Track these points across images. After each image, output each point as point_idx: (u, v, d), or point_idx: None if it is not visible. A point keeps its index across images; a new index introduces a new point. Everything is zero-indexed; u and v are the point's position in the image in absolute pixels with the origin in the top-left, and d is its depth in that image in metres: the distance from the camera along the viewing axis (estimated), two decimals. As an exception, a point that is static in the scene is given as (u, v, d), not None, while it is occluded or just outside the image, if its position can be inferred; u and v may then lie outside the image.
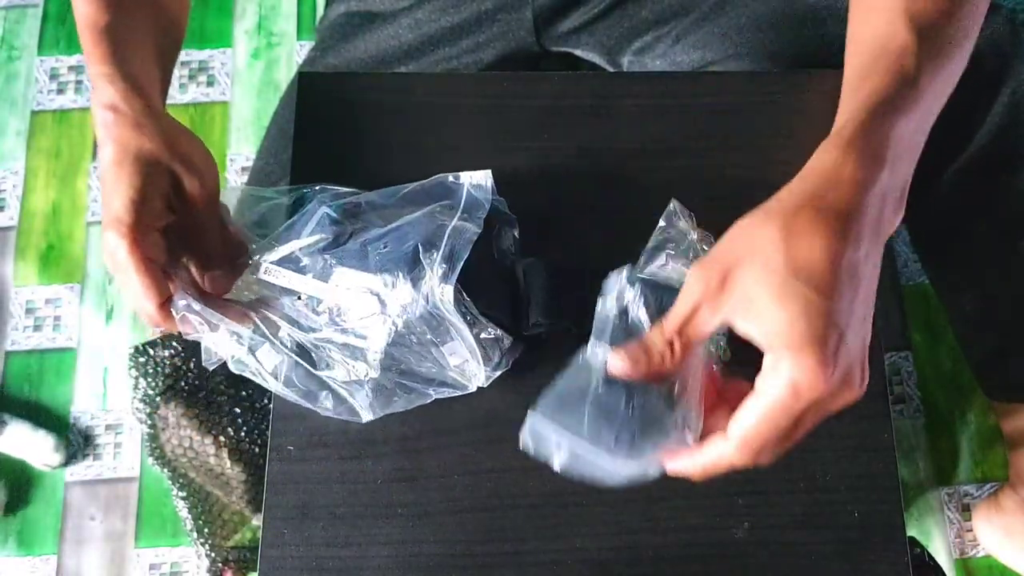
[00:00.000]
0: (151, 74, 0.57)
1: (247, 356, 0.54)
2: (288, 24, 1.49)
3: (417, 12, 0.82)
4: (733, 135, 0.52)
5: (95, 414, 1.26)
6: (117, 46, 0.56)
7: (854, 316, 0.43)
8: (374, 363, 0.54)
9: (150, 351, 0.86)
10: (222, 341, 0.54)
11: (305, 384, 0.55)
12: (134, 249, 0.50)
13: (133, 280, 0.51)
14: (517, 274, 0.58)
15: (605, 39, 0.82)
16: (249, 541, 0.94)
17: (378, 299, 0.53)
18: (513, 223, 0.59)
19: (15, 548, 1.20)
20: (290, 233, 0.56)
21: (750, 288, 0.43)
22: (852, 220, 0.43)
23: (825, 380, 0.41)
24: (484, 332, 0.55)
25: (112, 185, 0.51)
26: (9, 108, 1.43)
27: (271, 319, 0.54)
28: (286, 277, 0.55)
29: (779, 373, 0.42)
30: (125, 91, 0.54)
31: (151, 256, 0.51)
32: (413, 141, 0.64)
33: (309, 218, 0.56)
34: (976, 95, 0.79)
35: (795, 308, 0.41)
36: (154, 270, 0.51)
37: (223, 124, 1.42)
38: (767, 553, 0.56)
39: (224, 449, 0.81)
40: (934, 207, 0.88)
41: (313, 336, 0.54)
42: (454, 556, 0.56)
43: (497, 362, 0.56)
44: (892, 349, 1.26)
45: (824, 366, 0.41)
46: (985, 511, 1.13)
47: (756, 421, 0.43)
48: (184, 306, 0.52)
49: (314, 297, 0.55)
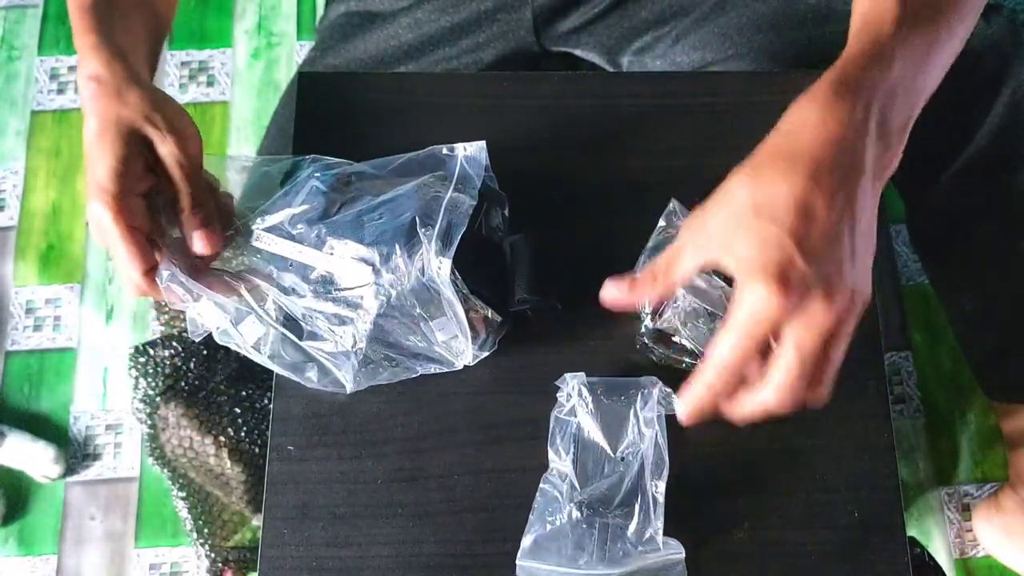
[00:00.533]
0: (136, 47, 0.59)
1: (231, 328, 0.54)
2: (288, 24, 1.49)
3: (417, 12, 0.82)
4: (733, 135, 0.52)
5: (95, 414, 1.26)
6: (103, 20, 0.57)
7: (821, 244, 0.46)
8: (363, 333, 0.54)
9: (150, 351, 0.86)
10: (207, 312, 0.54)
11: (291, 356, 0.55)
12: (119, 218, 0.51)
13: (119, 248, 0.52)
14: (504, 252, 0.58)
15: (605, 39, 0.82)
16: (249, 541, 0.93)
17: (372, 269, 0.54)
18: (503, 201, 0.59)
19: (15, 548, 1.20)
20: (283, 202, 0.56)
21: (724, 230, 0.48)
22: (814, 159, 0.47)
23: (778, 302, 0.45)
24: (473, 310, 0.55)
25: (96, 155, 0.52)
26: (9, 108, 1.43)
27: (259, 289, 0.55)
28: (278, 244, 0.55)
29: (739, 298, 0.46)
30: (108, 59, 0.55)
31: (135, 224, 0.52)
32: (413, 141, 0.64)
33: (301, 187, 0.57)
34: (976, 95, 0.79)
35: (755, 241, 0.46)
36: (139, 238, 0.52)
37: (223, 124, 1.42)
38: (767, 553, 0.56)
39: (224, 449, 0.81)
40: (934, 207, 0.88)
41: (302, 304, 0.54)
42: (454, 556, 0.56)
43: (484, 339, 0.56)
44: (892, 349, 1.26)
45: (776, 289, 0.45)
46: (985, 511, 1.13)
47: (722, 342, 0.47)
48: (169, 276, 0.53)
49: (306, 266, 0.55)
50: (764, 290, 0.45)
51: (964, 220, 0.87)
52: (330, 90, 0.67)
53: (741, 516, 0.56)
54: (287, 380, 0.58)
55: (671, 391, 0.55)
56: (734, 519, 0.56)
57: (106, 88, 0.54)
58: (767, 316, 0.45)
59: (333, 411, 0.59)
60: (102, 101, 0.53)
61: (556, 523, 0.53)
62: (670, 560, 0.52)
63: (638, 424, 0.54)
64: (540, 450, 0.56)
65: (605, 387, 0.56)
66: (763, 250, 0.46)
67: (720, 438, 0.58)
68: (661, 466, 0.54)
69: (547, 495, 0.54)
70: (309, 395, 0.59)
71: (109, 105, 0.53)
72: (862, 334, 0.60)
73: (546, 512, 0.54)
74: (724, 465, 0.57)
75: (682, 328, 0.56)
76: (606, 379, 0.56)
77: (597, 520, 0.53)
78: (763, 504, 0.56)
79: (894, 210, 1.31)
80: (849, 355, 0.59)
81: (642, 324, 0.58)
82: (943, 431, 1.23)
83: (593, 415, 0.55)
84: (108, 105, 0.53)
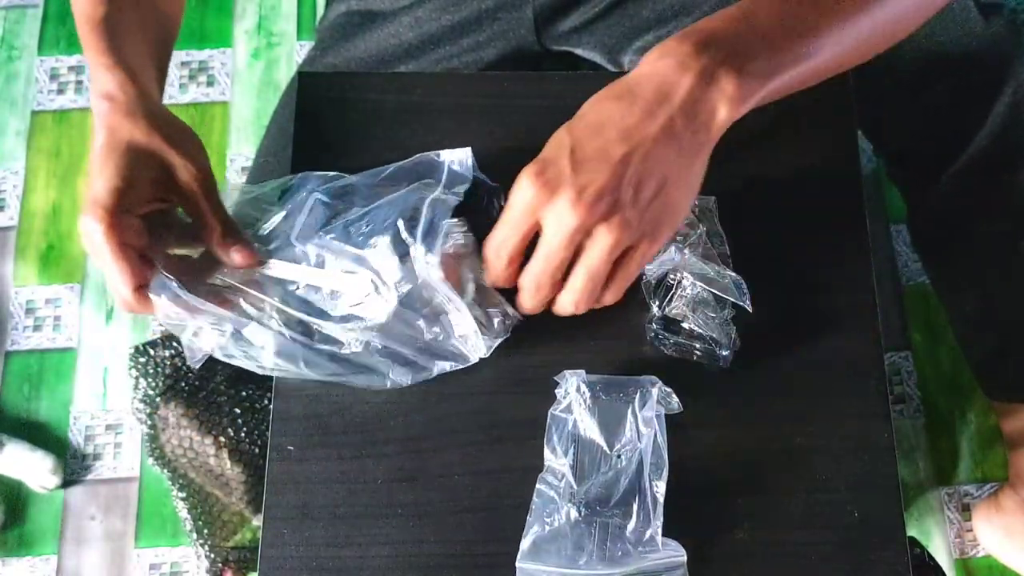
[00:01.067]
0: (146, 64, 0.59)
1: (232, 343, 0.54)
2: (288, 24, 1.49)
3: (417, 11, 0.82)
4: (733, 134, 0.52)
5: (95, 414, 1.26)
6: (113, 37, 0.57)
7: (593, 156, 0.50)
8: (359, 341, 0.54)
9: (150, 351, 0.86)
10: (203, 334, 0.54)
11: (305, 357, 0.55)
12: (110, 233, 0.51)
13: (109, 264, 0.52)
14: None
15: (606, 38, 0.82)
16: (249, 541, 0.93)
17: (374, 278, 0.54)
18: (498, 193, 0.59)
19: (15, 548, 1.20)
20: (284, 223, 0.56)
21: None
22: (631, 87, 0.51)
23: (529, 193, 0.50)
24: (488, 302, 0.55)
25: (98, 170, 0.52)
26: (9, 108, 1.42)
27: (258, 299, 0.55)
28: (285, 269, 0.55)
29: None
30: (122, 80, 0.55)
31: (128, 241, 0.52)
32: (413, 141, 0.64)
33: (302, 206, 0.57)
34: (977, 95, 0.79)
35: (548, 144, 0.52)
36: (130, 255, 0.52)
37: (223, 124, 1.42)
38: (767, 553, 0.56)
39: (224, 449, 0.81)
40: (934, 207, 0.88)
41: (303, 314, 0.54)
42: (454, 556, 0.56)
43: (497, 331, 0.56)
44: (892, 349, 1.26)
45: (530, 180, 0.50)
46: (985, 511, 1.13)
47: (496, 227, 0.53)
48: (161, 288, 0.52)
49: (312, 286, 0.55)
50: (523, 179, 0.50)
51: (964, 220, 0.87)
52: (330, 90, 0.67)
53: (741, 516, 0.56)
54: (287, 380, 0.58)
55: (671, 391, 0.55)
56: (734, 519, 0.56)
57: (119, 106, 0.54)
58: (519, 203, 0.51)
59: (333, 411, 0.59)
60: (115, 119, 0.54)
61: (554, 523, 0.53)
62: (672, 563, 0.52)
63: (636, 423, 0.54)
64: (541, 450, 0.56)
65: (604, 385, 0.56)
66: (544, 150, 0.51)
67: (720, 438, 0.58)
68: (661, 466, 0.54)
69: (544, 496, 0.54)
70: (309, 395, 0.59)
71: (122, 124, 0.54)
72: (862, 334, 0.60)
73: (544, 513, 0.54)
74: (724, 465, 0.57)
75: (691, 315, 0.57)
76: (605, 377, 0.56)
77: (596, 520, 0.53)
78: (763, 504, 0.56)
79: (894, 210, 1.31)
80: (849, 355, 0.60)
81: (650, 313, 0.58)
82: (943, 431, 1.23)
83: (591, 412, 0.55)
84: (121, 124, 0.54)
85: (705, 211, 0.59)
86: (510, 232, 0.52)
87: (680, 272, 0.57)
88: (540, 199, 0.50)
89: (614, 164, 0.49)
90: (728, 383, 0.58)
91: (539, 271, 0.52)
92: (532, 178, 0.50)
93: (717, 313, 0.57)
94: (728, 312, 0.57)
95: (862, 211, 0.62)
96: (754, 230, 0.61)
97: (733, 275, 0.56)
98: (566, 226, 0.49)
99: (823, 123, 0.65)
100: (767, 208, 0.62)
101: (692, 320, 0.57)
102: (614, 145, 0.50)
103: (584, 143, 0.50)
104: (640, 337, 0.59)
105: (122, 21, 0.59)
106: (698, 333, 0.57)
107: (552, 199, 0.49)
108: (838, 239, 0.62)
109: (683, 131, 0.50)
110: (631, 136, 0.50)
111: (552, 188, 0.49)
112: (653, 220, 0.51)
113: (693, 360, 0.58)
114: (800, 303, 0.61)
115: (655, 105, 0.50)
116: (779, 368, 0.59)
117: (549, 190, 0.49)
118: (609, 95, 0.51)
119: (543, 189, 0.49)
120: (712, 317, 0.56)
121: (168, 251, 0.56)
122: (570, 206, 0.49)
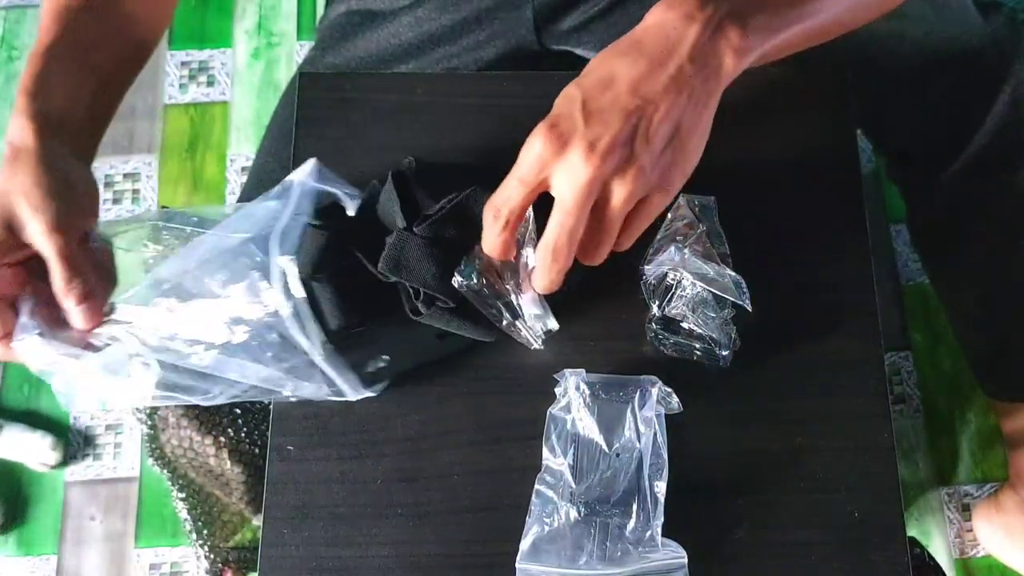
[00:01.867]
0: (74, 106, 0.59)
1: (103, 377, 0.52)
2: (288, 24, 1.49)
3: (417, 10, 0.82)
4: (733, 131, 0.52)
5: (95, 414, 1.26)
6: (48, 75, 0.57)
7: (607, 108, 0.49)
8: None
9: (150, 351, 0.85)
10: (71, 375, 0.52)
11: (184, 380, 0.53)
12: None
13: None
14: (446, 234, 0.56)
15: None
16: (249, 541, 0.93)
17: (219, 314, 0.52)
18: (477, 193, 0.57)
19: (15, 548, 1.20)
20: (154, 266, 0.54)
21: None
22: (637, 40, 0.51)
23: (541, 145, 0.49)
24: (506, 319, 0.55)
25: None
26: (9, 108, 1.42)
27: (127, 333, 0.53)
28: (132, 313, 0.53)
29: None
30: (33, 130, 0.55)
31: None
32: (413, 141, 0.64)
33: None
34: (976, 94, 0.79)
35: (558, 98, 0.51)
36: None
37: (223, 124, 1.42)
38: (767, 553, 0.56)
39: (224, 449, 0.81)
40: (934, 207, 0.88)
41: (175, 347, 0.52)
42: (454, 556, 0.56)
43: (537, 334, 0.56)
44: (892, 349, 1.26)
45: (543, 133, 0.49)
46: (985, 511, 1.13)
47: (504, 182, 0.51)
48: (24, 328, 0.52)
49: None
50: (535, 134, 0.49)
51: (964, 220, 0.87)
52: (330, 89, 0.67)
53: (741, 516, 0.56)
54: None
55: (671, 390, 0.55)
56: (734, 519, 0.56)
57: (14, 157, 0.54)
58: (530, 157, 0.49)
59: (333, 411, 0.59)
60: (6, 168, 0.54)
61: (554, 524, 0.53)
62: (672, 564, 0.52)
63: (635, 422, 0.54)
64: (540, 450, 0.56)
65: (604, 384, 0.56)
66: (554, 107, 0.50)
67: (720, 438, 0.58)
68: (661, 466, 0.54)
69: (543, 496, 0.54)
70: (309, 395, 0.59)
71: (3, 175, 0.54)
72: (862, 334, 0.60)
73: (543, 513, 0.54)
74: (724, 465, 0.57)
75: (691, 314, 0.57)
76: (605, 376, 0.56)
77: (595, 520, 0.53)
78: (763, 504, 0.56)
79: (894, 210, 1.31)
80: (849, 355, 0.60)
81: (650, 313, 0.58)
82: (943, 431, 1.23)
83: (590, 411, 0.55)
84: (3, 174, 0.54)
85: (705, 211, 0.59)
86: (517, 187, 0.50)
87: (680, 272, 0.57)
88: (551, 152, 0.48)
89: (626, 115, 0.49)
90: (728, 383, 0.58)
91: (555, 234, 0.50)
92: (544, 132, 0.49)
93: (717, 313, 0.57)
94: (728, 312, 0.57)
95: (862, 211, 0.62)
96: (754, 230, 0.61)
97: (733, 275, 0.56)
98: (580, 178, 0.48)
99: (823, 123, 0.65)
100: (767, 208, 0.62)
101: (692, 320, 0.57)
102: (625, 96, 0.49)
103: (595, 96, 0.49)
104: (640, 337, 0.59)
105: (73, 45, 0.59)
106: (698, 333, 0.57)
107: (564, 152, 0.48)
108: (838, 239, 0.62)
109: (693, 78, 0.50)
110: (641, 87, 0.49)
111: (564, 141, 0.48)
112: (666, 169, 0.50)
113: (693, 360, 0.58)
114: (800, 303, 0.61)
115: (664, 55, 0.50)
116: (779, 368, 0.59)
117: (561, 143, 0.48)
118: (615, 51, 0.51)
119: (556, 142, 0.48)
120: (712, 317, 0.56)
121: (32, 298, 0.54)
122: (583, 158, 0.48)
